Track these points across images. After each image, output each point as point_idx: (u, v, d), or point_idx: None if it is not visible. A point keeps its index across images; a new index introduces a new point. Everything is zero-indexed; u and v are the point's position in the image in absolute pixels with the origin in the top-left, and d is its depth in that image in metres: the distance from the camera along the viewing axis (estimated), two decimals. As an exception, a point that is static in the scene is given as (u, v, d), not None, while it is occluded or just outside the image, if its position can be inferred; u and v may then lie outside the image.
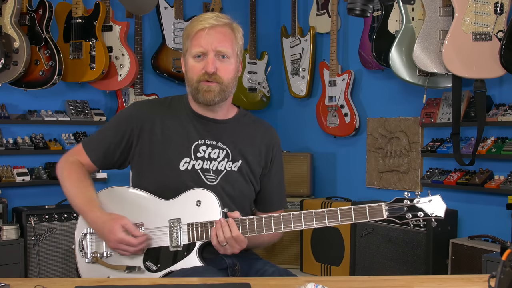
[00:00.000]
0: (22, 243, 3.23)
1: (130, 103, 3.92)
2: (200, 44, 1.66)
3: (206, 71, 1.66)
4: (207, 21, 1.67)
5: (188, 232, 1.63)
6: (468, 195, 3.40)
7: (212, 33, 1.66)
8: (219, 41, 1.66)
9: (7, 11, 3.30)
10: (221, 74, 1.67)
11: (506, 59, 2.86)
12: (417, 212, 1.58)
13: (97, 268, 1.67)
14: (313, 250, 4.04)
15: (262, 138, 1.84)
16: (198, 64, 1.68)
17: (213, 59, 1.66)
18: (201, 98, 1.70)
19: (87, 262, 1.68)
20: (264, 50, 4.68)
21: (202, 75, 1.67)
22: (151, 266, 1.64)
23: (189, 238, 1.63)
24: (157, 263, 1.64)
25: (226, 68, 1.68)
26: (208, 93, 1.68)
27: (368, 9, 3.24)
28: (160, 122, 1.75)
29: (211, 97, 1.69)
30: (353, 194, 4.07)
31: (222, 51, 1.67)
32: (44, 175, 3.57)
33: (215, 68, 1.66)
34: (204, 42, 1.66)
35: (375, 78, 4.02)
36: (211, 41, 1.65)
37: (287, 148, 4.57)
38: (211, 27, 1.66)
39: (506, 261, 1.06)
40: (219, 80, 1.68)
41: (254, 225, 1.61)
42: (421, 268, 3.23)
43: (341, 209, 1.59)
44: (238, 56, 1.73)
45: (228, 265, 1.71)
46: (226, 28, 1.69)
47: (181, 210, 1.65)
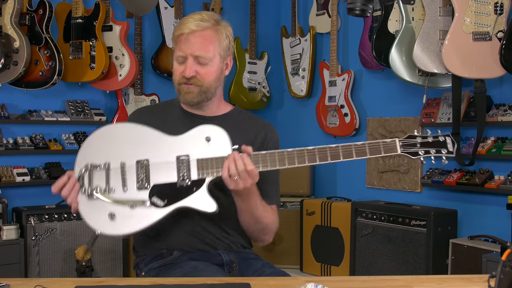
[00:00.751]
0: (22, 243, 3.23)
1: (130, 103, 3.93)
2: (180, 49, 1.71)
3: (184, 75, 1.70)
4: (186, 26, 1.69)
5: (197, 167, 1.59)
6: (468, 195, 3.40)
7: (191, 38, 1.69)
8: (198, 47, 1.69)
9: (7, 11, 3.30)
10: (201, 77, 1.71)
11: (506, 59, 2.86)
12: (430, 148, 1.63)
13: (99, 205, 1.59)
14: (313, 250, 4.04)
15: (257, 133, 1.83)
16: (179, 67, 1.72)
17: (192, 63, 1.69)
18: (182, 99, 1.76)
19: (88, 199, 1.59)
20: (264, 50, 4.68)
21: (181, 78, 1.72)
22: (158, 201, 1.58)
23: (199, 174, 1.59)
24: (164, 198, 1.59)
25: (205, 71, 1.71)
26: (188, 95, 1.73)
27: (368, 9, 3.24)
28: (152, 123, 1.75)
29: (190, 98, 1.73)
30: (353, 194, 4.07)
31: (200, 55, 1.69)
32: (44, 175, 3.57)
33: (194, 72, 1.70)
34: (184, 47, 1.70)
35: (375, 78, 4.02)
36: (189, 46, 1.69)
37: (287, 148, 4.56)
38: (190, 33, 1.69)
39: (506, 261, 1.07)
40: (198, 83, 1.71)
41: (267, 159, 1.60)
42: (421, 268, 3.23)
43: (355, 145, 1.61)
44: (222, 56, 1.75)
45: (225, 262, 1.72)
46: (207, 32, 1.70)
47: (190, 146, 1.62)
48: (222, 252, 1.73)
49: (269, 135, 1.86)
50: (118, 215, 1.57)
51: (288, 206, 4.23)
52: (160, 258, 1.72)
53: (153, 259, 1.74)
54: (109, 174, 1.60)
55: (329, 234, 3.92)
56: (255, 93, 4.57)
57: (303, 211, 4.11)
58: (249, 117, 1.90)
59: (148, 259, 1.75)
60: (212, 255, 1.72)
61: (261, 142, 1.83)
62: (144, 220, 1.57)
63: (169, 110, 1.85)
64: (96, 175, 1.61)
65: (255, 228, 1.77)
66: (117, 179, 1.60)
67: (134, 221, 1.57)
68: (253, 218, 1.73)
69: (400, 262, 3.36)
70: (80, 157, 1.64)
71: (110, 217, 1.57)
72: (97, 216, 1.58)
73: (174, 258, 1.70)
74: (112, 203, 1.58)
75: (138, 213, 1.58)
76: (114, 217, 1.57)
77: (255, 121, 1.89)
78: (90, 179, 1.60)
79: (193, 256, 1.70)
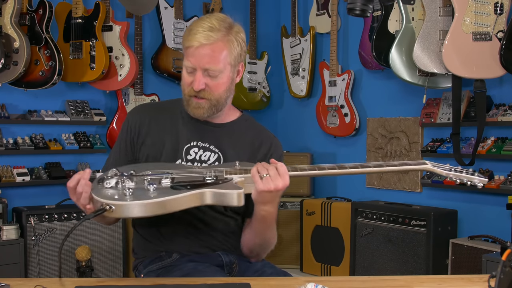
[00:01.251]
0: (22, 243, 3.23)
1: (130, 103, 3.93)
2: (189, 60, 1.65)
3: (193, 88, 1.65)
4: (195, 38, 1.62)
5: (225, 172, 1.55)
6: (468, 195, 3.40)
7: (201, 51, 1.62)
8: (208, 61, 1.62)
9: (7, 11, 3.30)
10: (210, 90, 1.65)
11: (506, 59, 2.86)
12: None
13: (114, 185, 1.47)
14: (313, 250, 4.04)
15: (261, 144, 1.79)
16: (188, 77, 1.66)
17: (201, 76, 1.63)
18: (191, 112, 1.70)
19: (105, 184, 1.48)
20: (264, 50, 4.68)
21: (190, 90, 1.66)
22: (179, 187, 1.47)
23: (226, 174, 1.54)
24: (187, 185, 1.48)
25: (215, 84, 1.65)
26: (197, 110, 1.68)
27: (368, 9, 3.24)
28: (155, 125, 1.74)
29: (200, 114, 1.68)
30: (353, 194, 4.07)
31: (209, 68, 1.63)
32: (44, 175, 3.57)
33: (203, 85, 1.63)
34: (193, 59, 1.63)
35: (375, 78, 4.02)
36: (199, 59, 1.62)
37: (287, 148, 4.57)
38: (200, 46, 1.62)
39: (506, 261, 1.07)
40: (207, 96, 1.65)
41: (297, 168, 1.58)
42: (421, 268, 3.23)
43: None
44: (233, 65, 1.68)
45: (224, 262, 1.71)
46: (217, 44, 1.62)
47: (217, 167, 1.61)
48: (222, 253, 1.72)
49: (273, 149, 1.80)
50: (135, 189, 1.44)
51: (288, 206, 4.23)
52: (159, 261, 1.71)
53: (152, 261, 1.73)
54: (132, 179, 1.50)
55: (329, 234, 3.92)
56: (255, 93, 4.57)
57: (303, 211, 4.11)
58: (254, 127, 1.84)
59: (147, 261, 1.74)
60: (211, 256, 1.71)
61: (264, 153, 1.78)
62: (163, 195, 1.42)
63: (175, 112, 1.78)
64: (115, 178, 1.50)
65: (260, 248, 1.74)
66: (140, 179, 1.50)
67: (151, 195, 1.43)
68: (263, 240, 1.70)
69: (400, 262, 3.36)
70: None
71: (124, 192, 1.43)
72: (111, 191, 1.45)
73: (173, 260, 1.69)
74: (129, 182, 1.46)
75: (158, 189, 1.45)
76: (130, 191, 1.43)
77: (260, 131, 1.83)
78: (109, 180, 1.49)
79: (193, 258, 1.69)
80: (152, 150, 1.72)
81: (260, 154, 1.77)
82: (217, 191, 1.47)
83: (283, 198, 4.22)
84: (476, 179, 1.62)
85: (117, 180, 1.47)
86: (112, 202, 1.40)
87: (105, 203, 1.40)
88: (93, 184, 1.50)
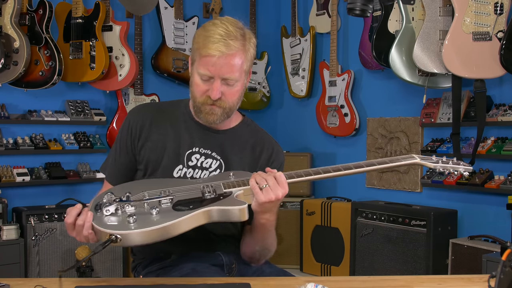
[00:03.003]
0: (22, 243, 3.23)
1: (130, 103, 3.93)
2: (207, 68, 1.59)
3: (210, 97, 1.61)
4: (216, 47, 1.57)
5: (223, 186, 1.53)
6: (468, 195, 3.40)
7: (221, 61, 1.58)
8: (227, 70, 1.59)
9: (7, 11, 3.30)
10: (226, 98, 1.63)
11: (506, 59, 2.86)
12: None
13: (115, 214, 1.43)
14: (313, 250, 4.04)
15: (263, 150, 1.77)
16: (203, 85, 1.62)
17: (219, 85, 1.60)
18: (203, 119, 1.67)
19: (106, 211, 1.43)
20: (264, 50, 4.68)
21: (206, 98, 1.62)
22: (182, 208, 1.45)
23: (225, 188, 1.53)
24: (189, 205, 1.46)
25: (231, 92, 1.63)
26: (211, 116, 1.65)
27: (368, 9, 3.24)
28: (156, 128, 1.72)
29: (212, 120, 1.66)
30: (353, 194, 4.07)
31: (229, 78, 1.60)
32: (44, 175, 3.57)
33: (220, 94, 1.61)
34: (212, 69, 1.58)
35: (375, 78, 4.02)
36: (218, 69, 1.58)
37: (287, 148, 4.57)
38: (221, 56, 1.57)
39: (506, 261, 1.07)
40: (222, 104, 1.63)
41: (293, 174, 1.58)
42: (421, 268, 3.23)
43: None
44: (246, 72, 1.67)
45: (224, 262, 1.70)
46: (237, 53, 1.60)
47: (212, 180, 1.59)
48: (222, 253, 1.72)
49: (275, 156, 1.78)
50: (138, 215, 1.41)
51: (288, 206, 4.23)
52: (158, 261, 1.71)
53: (151, 262, 1.73)
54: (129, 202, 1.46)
55: (329, 234, 3.92)
56: (255, 93, 4.57)
57: (303, 211, 4.11)
58: (256, 132, 1.81)
59: (146, 262, 1.74)
60: (211, 256, 1.70)
61: (266, 160, 1.76)
62: (167, 219, 1.40)
63: (176, 114, 1.76)
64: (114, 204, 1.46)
65: (260, 255, 1.72)
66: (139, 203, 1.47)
67: (154, 220, 1.40)
68: (263, 247, 1.68)
69: (400, 262, 3.36)
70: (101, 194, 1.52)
71: (128, 218, 1.39)
72: (112, 219, 1.42)
73: (172, 261, 1.69)
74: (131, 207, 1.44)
75: (161, 213, 1.43)
76: (133, 217, 1.39)
77: (262, 137, 1.81)
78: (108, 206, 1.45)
79: (192, 259, 1.69)
80: (152, 153, 1.70)
81: (262, 161, 1.76)
82: (221, 208, 1.46)
83: (283, 198, 4.21)
84: (461, 168, 1.67)
85: (117, 206, 1.43)
86: (119, 232, 1.36)
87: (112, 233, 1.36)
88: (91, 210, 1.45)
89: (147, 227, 1.37)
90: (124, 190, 1.52)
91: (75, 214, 1.45)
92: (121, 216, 1.42)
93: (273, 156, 1.77)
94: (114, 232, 1.37)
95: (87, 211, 1.44)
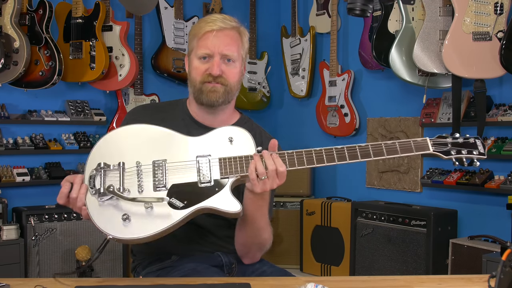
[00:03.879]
0: (22, 243, 3.23)
1: (130, 103, 3.93)
2: (206, 46, 1.64)
3: (211, 73, 1.64)
4: (215, 23, 1.64)
5: (220, 166, 1.50)
6: (468, 195, 3.40)
7: (220, 35, 1.64)
8: (226, 44, 1.64)
9: (7, 11, 3.30)
10: (226, 76, 1.65)
11: (506, 59, 2.86)
12: (461, 149, 1.60)
13: (111, 206, 1.46)
14: (313, 250, 4.04)
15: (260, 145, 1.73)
16: (203, 66, 1.65)
17: (219, 61, 1.64)
18: (205, 98, 1.67)
19: (100, 200, 1.46)
20: (264, 50, 4.68)
21: (206, 76, 1.65)
22: (176, 202, 1.46)
23: (221, 173, 1.49)
24: (184, 200, 1.47)
25: (231, 71, 1.66)
26: (213, 93, 1.66)
27: (368, 9, 3.24)
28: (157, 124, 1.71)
29: (215, 98, 1.66)
30: (353, 194, 4.07)
31: (228, 54, 1.64)
32: (44, 175, 3.57)
33: (220, 71, 1.64)
34: (211, 44, 1.63)
35: (375, 78, 4.02)
36: (218, 44, 1.63)
37: (287, 148, 4.55)
38: (219, 30, 1.64)
39: (506, 261, 1.06)
40: (224, 82, 1.66)
41: (294, 159, 1.51)
42: (421, 268, 3.23)
43: (386, 143, 1.54)
44: (243, 60, 1.71)
45: (224, 263, 1.70)
46: (233, 32, 1.67)
47: (211, 146, 1.53)
48: (221, 253, 1.72)
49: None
50: (133, 216, 1.45)
51: (288, 206, 4.23)
52: (158, 262, 1.71)
53: (151, 262, 1.72)
54: (123, 175, 1.49)
55: (329, 234, 3.92)
56: (255, 93, 4.57)
57: (303, 211, 4.11)
58: (253, 128, 1.81)
59: (146, 262, 1.74)
60: (211, 256, 1.70)
61: None
62: (161, 222, 1.44)
63: (175, 114, 1.76)
64: (109, 176, 1.49)
65: (252, 242, 1.68)
66: (132, 180, 1.49)
67: (150, 223, 1.44)
68: (255, 230, 1.64)
69: (400, 262, 3.36)
70: (92, 158, 1.53)
71: (123, 219, 1.44)
72: (109, 218, 1.45)
73: (172, 262, 1.69)
74: (126, 202, 1.46)
75: (155, 214, 1.45)
76: (128, 218, 1.44)
77: (260, 133, 1.81)
78: (103, 180, 1.48)
79: (192, 259, 1.68)
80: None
81: None
82: (214, 207, 1.48)
83: (283, 198, 4.22)
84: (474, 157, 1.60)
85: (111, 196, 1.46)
86: (116, 236, 1.44)
87: (110, 236, 1.44)
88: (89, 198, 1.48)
89: (142, 234, 1.43)
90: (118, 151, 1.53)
91: (66, 192, 1.52)
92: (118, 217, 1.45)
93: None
94: (113, 236, 1.43)
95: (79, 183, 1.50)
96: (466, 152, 1.59)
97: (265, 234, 1.67)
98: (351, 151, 1.52)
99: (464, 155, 1.59)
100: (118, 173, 1.49)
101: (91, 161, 1.53)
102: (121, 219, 1.44)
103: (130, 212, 1.45)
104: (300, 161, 1.52)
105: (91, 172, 1.50)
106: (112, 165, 1.50)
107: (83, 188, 1.49)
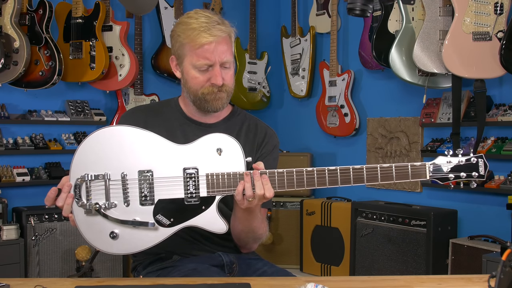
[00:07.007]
0: (22, 243, 3.23)
1: (130, 103, 3.93)
2: (206, 57, 1.61)
3: (215, 84, 1.63)
4: (210, 32, 1.60)
5: (207, 184, 1.48)
6: (468, 195, 3.40)
7: (218, 46, 1.62)
8: (223, 52, 1.63)
9: (7, 11, 3.30)
10: (226, 82, 1.66)
11: (506, 59, 2.86)
12: (460, 173, 1.57)
13: (98, 221, 1.49)
14: (313, 250, 4.04)
15: (255, 135, 1.78)
16: (202, 76, 1.64)
17: (220, 71, 1.63)
18: (210, 107, 1.67)
19: (87, 214, 1.49)
20: (264, 50, 4.68)
21: (210, 87, 1.64)
22: (163, 220, 1.49)
23: (208, 191, 1.48)
24: (170, 217, 1.49)
25: (228, 75, 1.67)
26: (218, 101, 1.67)
27: (368, 9, 3.24)
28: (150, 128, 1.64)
29: (221, 105, 1.68)
30: (353, 194, 4.07)
31: (226, 61, 1.64)
32: (44, 175, 3.57)
33: (222, 80, 1.64)
34: (212, 56, 1.61)
35: (375, 78, 4.02)
36: (218, 54, 1.62)
37: (287, 148, 4.57)
38: (218, 41, 1.61)
39: (506, 261, 1.06)
40: (226, 89, 1.67)
41: (284, 180, 1.49)
42: (421, 268, 3.23)
43: (381, 167, 1.51)
44: (234, 57, 1.74)
45: (225, 262, 1.70)
46: (228, 36, 1.66)
47: (199, 157, 1.50)
48: (222, 253, 1.72)
49: (268, 138, 1.78)
50: (120, 234, 1.49)
51: (288, 206, 4.23)
52: (159, 262, 1.71)
53: (152, 262, 1.72)
54: (109, 187, 1.49)
55: (329, 234, 3.92)
56: (255, 93, 4.57)
57: (303, 211, 4.11)
58: (247, 118, 1.83)
59: (146, 262, 1.74)
60: (211, 256, 1.70)
61: (259, 142, 1.77)
62: (148, 240, 1.50)
63: (168, 113, 1.76)
64: (95, 187, 1.49)
65: (246, 237, 1.69)
66: (118, 193, 1.49)
67: (137, 241, 1.50)
68: (249, 228, 1.65)
69: (400, 262, 3.36)
70: (76, 163, 1.50)
71: (111, 236, 1.49)
72: (97, 234, 1.49)
73: (173, 262, 1.69)
74: (111, 222, 1.48)
75: (142, 232, 1.49)
76: (116, 236, 1.49)
77: (255, 121, 1.82)
78: (88, 191, 1.48)
79: (193, 259, 1.68)
80: None
81: (257, 145, 1.76)
82: (200, 227, 1.52)
83: (283, 198, 4.22)
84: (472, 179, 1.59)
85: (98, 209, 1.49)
86: (105, 251, 1.52)
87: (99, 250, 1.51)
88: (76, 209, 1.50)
89: (130, 250, 1.53)
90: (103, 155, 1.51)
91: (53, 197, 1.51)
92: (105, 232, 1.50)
93: (266, 138, 1.78)
94: (100, 249, 1.51)
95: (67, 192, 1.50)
96: (465, 176, 1.57)
97: (259, 230, 1.68)
98: (344, 174, 1.51)
99: (462, 179, 1.58)
100: (104, 186, 1.49)
101: (75, 167, 1.51)
102: (109, 235, 1.50)
103: (118, 230, 1.50)
104: (290, 183, 1.50)
105: (76, 181, 1.50)
106: (97, 175, 1.49)
107: (69, 198, 1.49)
